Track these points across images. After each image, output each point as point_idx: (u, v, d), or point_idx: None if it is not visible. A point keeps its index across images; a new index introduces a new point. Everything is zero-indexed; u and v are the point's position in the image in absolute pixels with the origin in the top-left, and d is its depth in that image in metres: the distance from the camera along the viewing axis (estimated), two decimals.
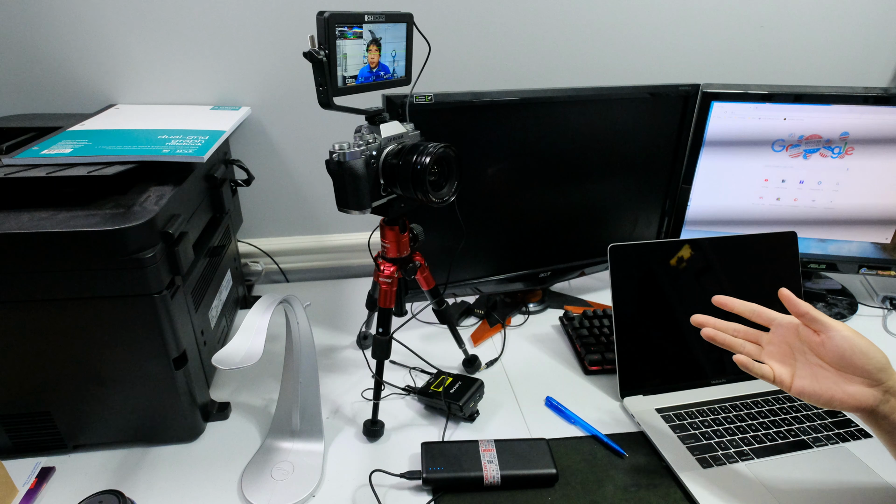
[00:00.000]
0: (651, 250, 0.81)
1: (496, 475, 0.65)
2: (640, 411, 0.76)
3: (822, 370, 0.56)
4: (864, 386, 0.54)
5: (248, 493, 0.64)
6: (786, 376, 0.57)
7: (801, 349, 0.58)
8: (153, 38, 0.92)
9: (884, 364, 0.54)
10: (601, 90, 0.89)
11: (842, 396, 0.54)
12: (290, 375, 0.70)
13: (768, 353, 0.60)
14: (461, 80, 1.03)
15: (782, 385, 0.57)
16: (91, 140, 0.73)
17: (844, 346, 0.54)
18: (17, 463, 0.68)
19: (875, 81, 1.15)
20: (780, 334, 0.60)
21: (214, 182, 0.83)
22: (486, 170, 0.88)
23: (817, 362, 0.57)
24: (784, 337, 0.60)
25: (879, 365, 0.53)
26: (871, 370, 0.53)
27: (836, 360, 0.55)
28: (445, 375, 0.80)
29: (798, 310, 0.58)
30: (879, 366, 0.53)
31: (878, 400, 0.53)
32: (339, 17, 0.55)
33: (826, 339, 0.56)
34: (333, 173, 0.61)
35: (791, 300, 0.58)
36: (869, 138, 0.93)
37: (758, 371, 0.58)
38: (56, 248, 0.57)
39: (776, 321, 0.60)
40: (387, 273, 0.72)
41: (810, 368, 0.57)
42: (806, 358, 0.58)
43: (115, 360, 0.64)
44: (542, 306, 1.04)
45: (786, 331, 0.60)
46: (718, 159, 0.98)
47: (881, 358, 0.54)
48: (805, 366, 0.57)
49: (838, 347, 0.54)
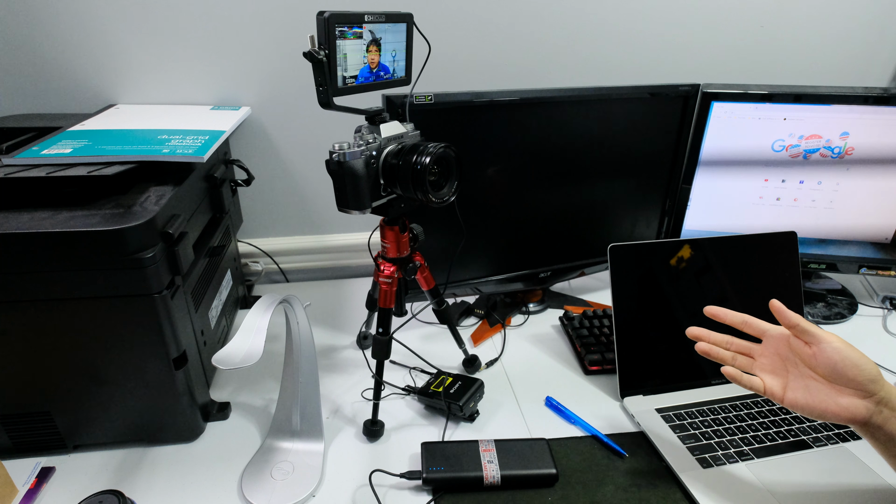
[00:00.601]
0: (651, 250, 0.81)
1: (496, 475, 0.65)
2: (640, 411, 0.76)
3: (815, 382, 0.56)
4: (856, 398, 0.54)
5: (248, 493, 0.64)
6: (777, 388, 0.57)
7: (793, 360, 0.58)
8: (153, 38, 0.92)
9: (875, 375, 0.54)
10: (601, 90, 0.89)
11: (835, 409, 0.54)
12: (290, 375, 0.70)
13: (760, 365, 0.60)
14: (461, 80, 1.03)
15: (773, 397, 0.57)
16: (91, 140, 0.73)
17: (836, 358, 0.54)
18: (17, 463, 0.68)
19: (875, 81, 1.15)
20: (772, 346, 0.60)
21: (214, 182, 0.83)
22: (486, 170, 0.88)
23: (809, 374, 0.56)
24: (776, 348, 0.59)
25: (871, 376, 0.53)
26: (863, 382, 0.53)
27: (827, 372, 0.55)
28: (445, 375, 0.80)
29: (789, 321, 0.57)
30: (871, 377, 0.53)
31: (871, 411, 0.53)
32: (339, 17, 0.55)
33: (817, 350, 0.55)
34: (333, 173, 0.61)
35: (782, 312, 0.58)
36: (869, 138, 0.93)
37: (747, 383, 0.58)
38: (56, 248, 0.57)
39: (767, 332, 0.60)
40: (387, 273, 0.72)
41: (802, 380, 0.57)
42: (798, 369, 0.57)
43: (115, 360, 0.64)
44: (542, 306, 1.04)
45: (777, 342, 0.59)
46: (718, 159, 0.98)
47: (872, 369, 0.54)
48: (797, 377, 0.57)
49: (830, 360, 0.54)
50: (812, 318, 1.00)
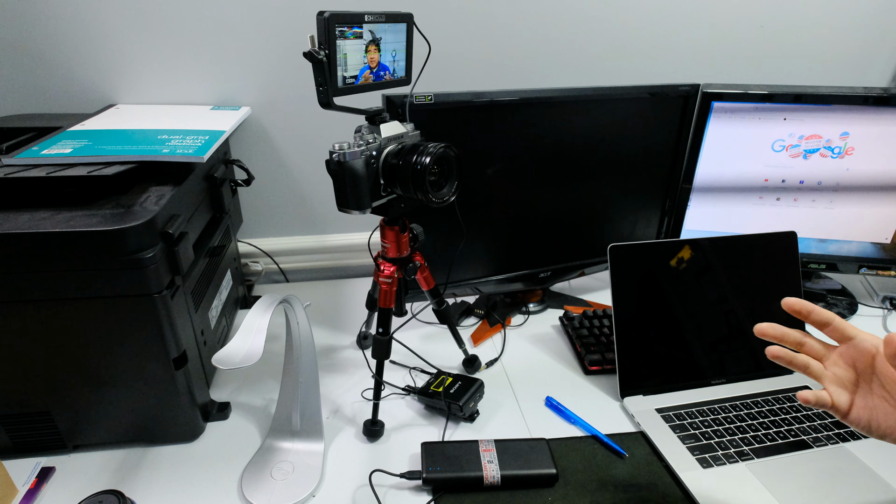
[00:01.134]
0: (651, 250, 0.81)
1: (496, 475, 0.65)
2: (640, 411, 0.76)
3: (884, 403, 0.50)
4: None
5: (248, 493, 0.64)
6: (843, 403, 0.51)
7: (869, 377, 0.51)
8: (153, 38, 0.92)
9: None
10: (601, 90, 0.89)
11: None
12: (290, 375, 0.70)
13: (831, 375, 0.52)
14: (461, 80, 1.03)
15: (837, 412, 0.51)
16: (91, 140, 0.73)
17: None
18: (17, 463, 0.68)
19: (875, 81, 1.15)
20: (851, 355, 0.51)
21: (214, 182, 0.83)
22: (486, 170, 0.88)
23: (882, 394, 0.50)
24: (854, 360, 0.51)
25: None
26: None
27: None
28: (445, 375, 0.80)
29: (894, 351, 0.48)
30: None
31: None
32: (339, 17, 0.55)
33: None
34: (333, 173, 0.61)
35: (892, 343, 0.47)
36: (869, 138, 0.93)
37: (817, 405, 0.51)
38: (56, 248, 0.57)
39: (856, 340, 0.51)
40: (387, 273, 0.72)
41: (871, 399, 0.50)
42: (871, 388, 0.51)
43: (115, 360, 0.64)
44: (542, 306, 1.04)
45: (860, 354, 0.51)
46: (718, 158, 0.98)
47: None
48: (868, 395, 0.50)
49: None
50: None
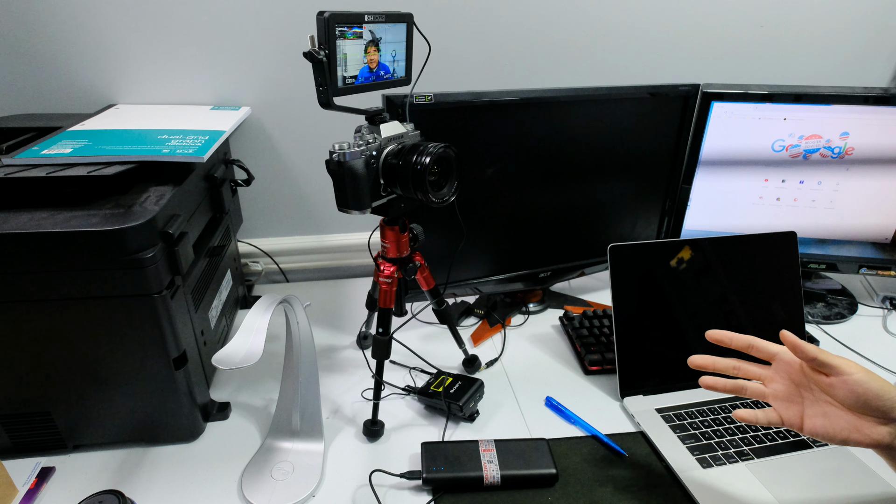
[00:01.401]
0: (651, 250, 0.81)
1: (496, 475, 0.65)
2: (640, 411, 0.76)
3: (832, 408, 0.54)
4: (878, 424, 0.52)
5: (248, 493, 0.64)
6: (795, 418, 0.55)
7: (808, 386, 0.55)
8: (153, 38, 0.92)
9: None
10: (601, 90, 0.89)
11: (857, 437, 0.52)
12: (290, 375, 0.70)
13: (773, 392, 0.57)
14: (461, 80, 1.03)
15: (792, 427, 0.55)
16: (91, 140, 0.73)
17: (859, 390, 0.52)
18: (17, 463, 0.68)
19: (875, 81, 1.15)
20: (783, 370, 0.57)
21: (214, 182, 0.83)
22: (486, 170, 0.88)
23: (826, 399, 0.54)
24: (788, 373, 0.56)
25: (893, 403, 0.52)
26: (886, 410, 0.52)
27: (849, 403, 0.53)
28: (445, 375, 0.80)
29: (806, 355, 0.54)
30: (893, 404, 0.52)
31: (894, 436, 0.52)
32: (339, 17, 0.55)
33: (837, 381, 0.53)
34: (333, 173, 0.61)
35: (797, 345, 0.54)
36: (869, 138, 0.93)
37: (765, 422, 0.55)
38: (56, 248, 0.57)
39: (777, 356, 0.57)
40: (387, 273, 0.72)
41: (819, 406, 0.54)
42: (813, 395, 0.55)
43: (115, 360, 0.64)
44: (542, 306, 1.04)
45: (788, 366, 0.56)
46: (718, 159, 0.98)
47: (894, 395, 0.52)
48: (813, 403, 0.55)
49: (852, 392, 0.52)
50: (812, 318, 1.00)
